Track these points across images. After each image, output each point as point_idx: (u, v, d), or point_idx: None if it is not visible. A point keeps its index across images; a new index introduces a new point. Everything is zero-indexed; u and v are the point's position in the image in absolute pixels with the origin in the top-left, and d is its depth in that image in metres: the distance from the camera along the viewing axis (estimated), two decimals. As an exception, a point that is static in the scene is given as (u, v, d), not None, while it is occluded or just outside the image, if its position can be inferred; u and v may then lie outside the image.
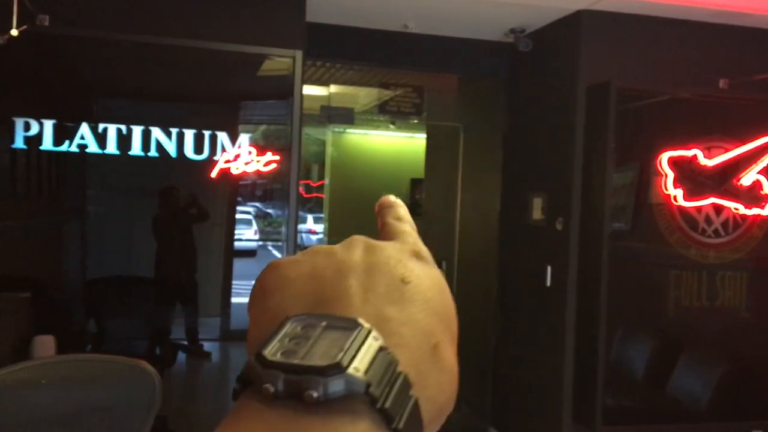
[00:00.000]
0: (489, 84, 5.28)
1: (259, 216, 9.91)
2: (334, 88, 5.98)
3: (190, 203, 4.60)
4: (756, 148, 4.26)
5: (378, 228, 0.53)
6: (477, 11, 4.36)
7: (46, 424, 2.31)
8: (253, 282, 0.47)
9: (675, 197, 4.22)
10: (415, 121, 6.37)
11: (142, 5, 3.79)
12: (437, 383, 0.40)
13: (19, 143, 3.74)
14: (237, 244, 5.86)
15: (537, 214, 4.58)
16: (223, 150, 3.95)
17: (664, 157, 4.20)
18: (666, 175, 4.20)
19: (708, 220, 4.31)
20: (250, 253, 9.22)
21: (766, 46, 4.35)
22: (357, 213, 9.23)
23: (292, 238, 3.99)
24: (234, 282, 5.47)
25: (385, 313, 0.41)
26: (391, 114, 5.39)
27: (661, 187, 4.23)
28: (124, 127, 3.87)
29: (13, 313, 3.20)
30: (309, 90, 5.70)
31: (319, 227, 10.52)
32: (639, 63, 4.24)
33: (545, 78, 4.63)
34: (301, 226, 11.89)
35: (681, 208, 4.26)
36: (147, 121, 3.93)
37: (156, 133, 3.89)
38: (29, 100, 3.95)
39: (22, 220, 4.19)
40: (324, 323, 0.38)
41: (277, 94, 4.11)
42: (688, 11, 4.15)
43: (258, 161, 3.98)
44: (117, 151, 3.87)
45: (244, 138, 4.00)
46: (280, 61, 4.03)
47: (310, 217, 12.07)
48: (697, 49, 4.33)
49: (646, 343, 4.44)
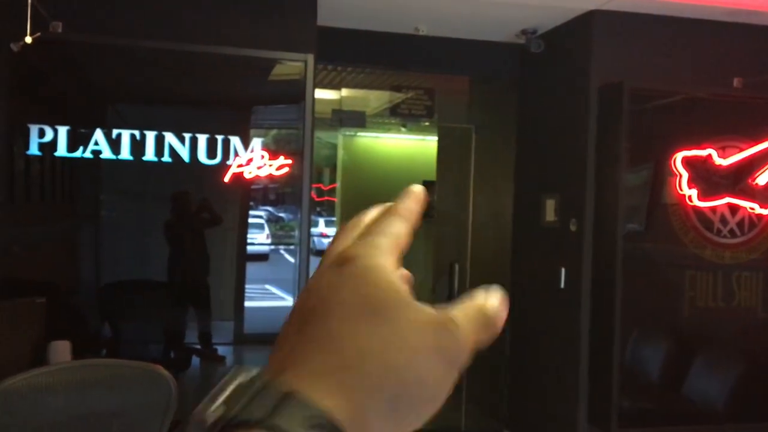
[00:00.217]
0: (501, 85, 5.26)
1: (271, 220, 9.94)
2: (345, 92, 5.98)
3: (203, 208, 4.62)
4: (771, 147, 4.23)
5: None
6: (488, 13, 4.35)
7: (62, 429, 2.32)
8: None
9: (689, 197, 4.19)
10: (427, 123, 6.36)
11: (155, 11, 3.81)
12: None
13: (33, 150, 3.77)
14: (249, 248, 5.88)
15: (550, 215, 4.56)
16: (236, 154, 3.96)
17: (678, 156, 4.17)
18: (680, 175, 4.17)
19: (723, 220, 4.28)
20: (262, 257, 9.24)
21: (781, 44, 4.32)
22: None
23: (305, 241, 4.00)
24: (247, 286, 5.48)
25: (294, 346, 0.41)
26: (402, 116, 5.39)
27: (675, 187, 4.20)
28: (137, 133, 3.89)
29: (28, 318, 3.22)
30: (320, 94, 5.71)
31: (331, 231, 10.53)
32: (652, 63, 4.22)
33: (557, 79, 4.62)
34: (313, 230, 11.92)
35: (696, 208, 4.23)
36: (160, 127, 3.94)
37: (169, 138, 3.90)
38: (44, 107, 3.98)
39: (37, 225, 4.22)
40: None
41: (289, 98, 4.12)
42: (701, 10, 4.12)
43: (270, 165, 3.99)
44: (131, 157, 3.89)
45: (256, 142, 4.01)
46: (291, 65, 4.04)
47: (321, 221, 12.10)
48: (710, 49, 4.30)
49: (661, 345, 4.40)
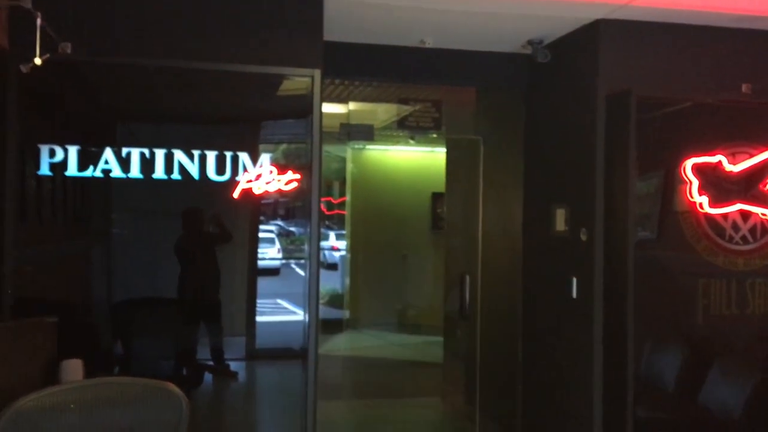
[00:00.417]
0: (508, 96, 5.27)
1: (282, 234, 9.97)
2: (353, 105, 6.01)
3: (214, 224, 4.64)
4: (781, 152, 4.21)
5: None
6: (493, 24, 4.36)
7: (75, 447, 2.32)
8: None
9: (700, 204, 4.17)
10: (435, 135, 6.38)
11: (162, 30, 3.83)
12: None
13: (44, 170, 3.80)
14: (260, 262, 5.90)
15: (560, 225, 4.55)
16: (245, 170, 3.98)
17: (688, 164, 4.16)
18: (690, 182, 4.15)
19: (735, 227, 4.25)
20: (273, 271, 9.27)
21: (789, 49, 4.30)
22: (379, 229, 9.27)
23: (315, 255, 4.00)
24: (258, 300, 5.49)
25: None
26: (410, 129, 5.41)
27: (686, 194, 4.18)
28: (147, 151, 3.92)
29: (40, 337, 3.23)
30: (328, 108, 5.73)
31: (342, 244, 10.53)
32: (659, 70, 4.21)
33: (564, 88, 4.62)
34: (323, 243, 11.94)
35: (707, 216, 4.20)
36: (170, 144, 3.97)
37: (179, 155, 3.93)
38: (54, 127, 4.02)
39: (49, 244, 4.24)
40: None
41: (297, 113, 4.14)
42: (707, 17, 4.12)
43: (279, 180, 4.00)
44: (140, 175, 3.91)
45: (265, 158, 4.02)
46: (299, 80, 4.06)
47: (332, 234, 12.12)
48: (718, 55, 4.29)
49: (676, 354, 4.37)
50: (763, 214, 4.24)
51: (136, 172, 3.89)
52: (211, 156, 3.96)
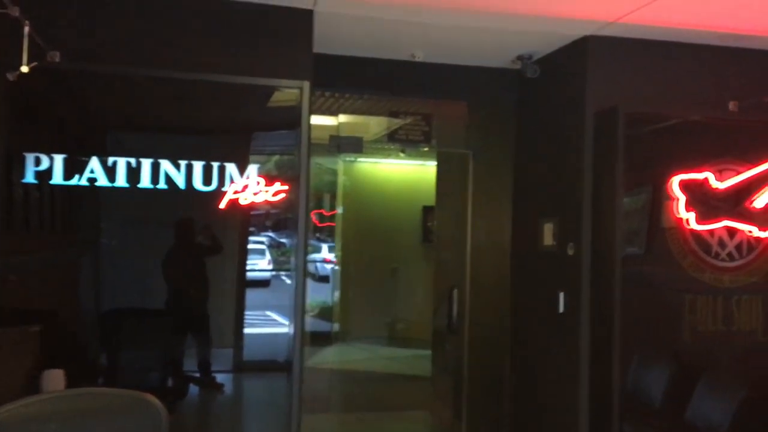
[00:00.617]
0: (498, 110, 5.28)
1: (273, 246, 9.94)
2: (344, 118, 6.00)
3: (205, 235, 4.62)
4: (768, 170, 4.23)
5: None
6: (483, 39, 4.38)
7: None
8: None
9: (687, 221, 4.18)
10: (426, 148, 6.37)
11: (151, 40, 3.83)
12: None
13: (29, 178, 3.78)
14: (251, 274, 5.87)
15: (548, 239, 4.55)
16: (232, 181, 3.97)
17: (675, 180, 4.17)
18: (677, 198, 4.17)
19: (722, 244, 4.26)
20: (263, 283, 9.23)
21: (775, 67, 4.34)
22: (370, 241, 9.25)
23: (301, 267, 3.99)
24: (247, 312, 5.45)
25: None
26: (400, 142, 5.41)
27: (672, 210, 4.19)
28: (133, 160, 3.91)
29: (22, 347, 3.21)
30: (320, 120, 5.73)
31: (332, 256, 10.51)
32: (647, 87, 4.24)
33: (553, 104, 4.63)
34: (316, 256, 11.91)
35: (693, 232, 4.22)
36: (156, 154, 3.96)
37: (165, 165, 3.91)
38: (39, 135, 4.00)
39: (36, 253, 4.21)
40: None
41: (286, 125, 4.13)
42: (695, 35, 4.15)
43: (266, 191, 3.99)
44: (127, 184, 3.90)
45: (252, 168, 4.02)
46: (288, 92, 4.06)
47: (325, 247, 12.09)
48: (705, 72, 4.32)
49: (663, 370, 4.36)
50: (749, 231, 4.25)
51: (122, 181, 3.87)
52: (198, 166, 3.95)
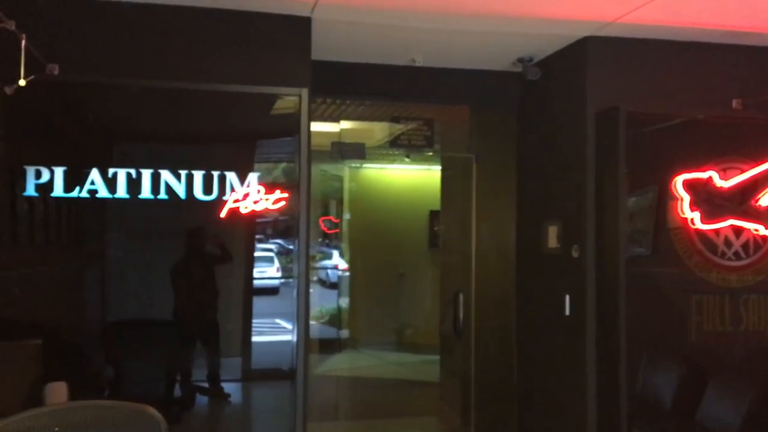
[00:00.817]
0: (500, 113, 5.27)
1: (282, 253, 9.94)
2: (346, 124, 6.01)
3: (214, 244, 4.62)
4: (772, 168, 4.19)
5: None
6: (483, 42, 4.36)
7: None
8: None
9: (692, 220, 4.15)
10: (430, 153, 6.37)
11: (150, 50, 3.83)
12: None
13: (30, 191, 3.79)
14: (259, 282, 5.87)
15: (552, 242, 4.52)
16: (233, 190, 3.97)
17: (679, 179, 4.14)
18: (681, 198, 4.13)
19: (727, 243, 4.22)
20: (272, 290, 9.23)
21: (778, 64, 4.30)
22: (377, 247, 9.23)
23: (304, 274, 3.98)
24: (255, 320, 5.45)
25: None
26: (402, 147, 5.40)
27: (677, 210, 4.16)
28: (134, 171, 3.91)
29: (24, 360, 3.21)
30: (322, 127, 5.73)
31: (340, 262, 10.48)
32: (649, 87, 4.21)
33: (555, 105, 4.61)
34: (327, 262, 11.90)
35: (699, 231, 4.18)
36: (156, 164, 3.96)
37: (165, 175, 3.92)
38: (40, 147, 4.01)
39: (40, 266, 4.22)
40: None
41: (287, 132, 4.13)
42: (696, 33, 4.12)
43: (267, 199, 3.99)
44: (127, 195, 3.90)
45: (253, 177, 4.01)
46: (289, 99, 4.06)
47: (335, 253, 12.06)
48: (707, 71, 4.29)
49: (672, 371, 4.32)
50: (755, 230, 4.21)
51: (122, 192, 3.88)
52: (198, 176, 3.95)
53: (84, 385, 3.92)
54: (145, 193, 3.90)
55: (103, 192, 3.86)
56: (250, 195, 3.95)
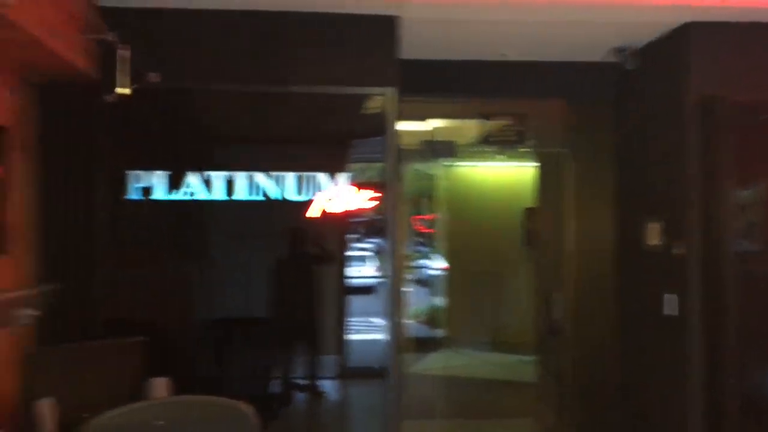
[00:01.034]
0: (596, 106, 5.10)
1: (379, 252, 10.03)
2: (437, 122, 5.98)
3: (316, 245, 4.71)
4: None
5: None
6: (575, 33, 4.24)
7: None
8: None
9: (808, 214, 3.88)
10: (523, 149, 6.25)
11: (245, 55, 3.92)
12: None
13: (132, 194, 3.97)
14: (357, 281, 5.94)
15: (654, 239, 4.34)
16: (325, 190, 4.02)
17: (792, 171, 3.88)
18: (796, 190, 3.87)
19: None
20: (370, 289, 9.33)
21: None
22: (471, 246, 9.14)
23: (395, 273, 3.98)
24: (353, 319, 5.50)
25: None
26: (493, 144, 5.32)
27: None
28: (231, 174, 4.03)
29: (128, 356, 3.37)
30: (414, 126, 5.72)
31: (437, 261, 10.45)
32: (756, 73, 3.96)
33: (655, 96, 4.42)
34: (423, 261, 11.90)
35: (816, 226, 3.90)
36: (253, 167, 4.06)
37: (259, 177, 4.01)
38: (141, 153, 4.20)
39: (143, 266, 4.41)
40: None
41: (377, 132, 4.15)
42: (809, 13, 3.85)
43: (360, 199, 4.02)
44: (225, 197, 4.02)
45: (344, 177, 4.05)
46: (378, 99, 4.07)
47: (430, 251, 12.04)
48: (822, 53, 4.00)
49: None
50: None
51: (220, 194, 4.00)
52: (291, 177, 4.02)
53: (185, 381, 4.07)
54: (242, 195, 4.01)
55: (201, 194, 4.00)
56: (342, 195, 3.99)
